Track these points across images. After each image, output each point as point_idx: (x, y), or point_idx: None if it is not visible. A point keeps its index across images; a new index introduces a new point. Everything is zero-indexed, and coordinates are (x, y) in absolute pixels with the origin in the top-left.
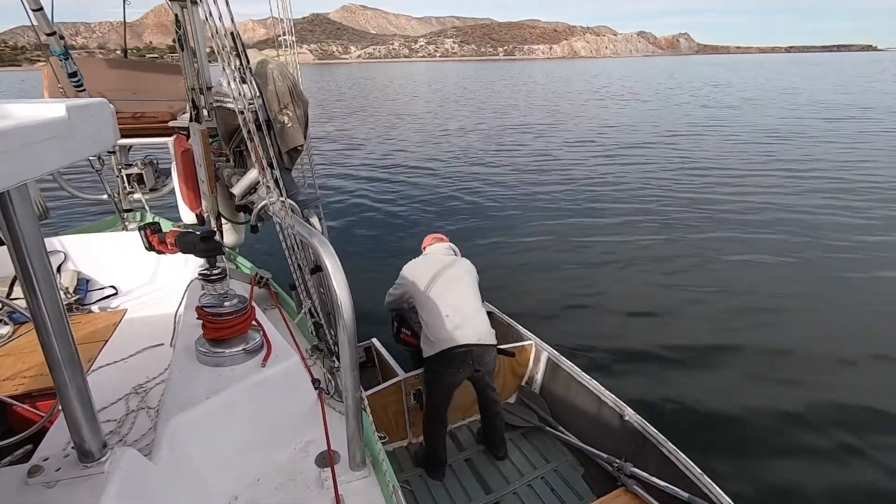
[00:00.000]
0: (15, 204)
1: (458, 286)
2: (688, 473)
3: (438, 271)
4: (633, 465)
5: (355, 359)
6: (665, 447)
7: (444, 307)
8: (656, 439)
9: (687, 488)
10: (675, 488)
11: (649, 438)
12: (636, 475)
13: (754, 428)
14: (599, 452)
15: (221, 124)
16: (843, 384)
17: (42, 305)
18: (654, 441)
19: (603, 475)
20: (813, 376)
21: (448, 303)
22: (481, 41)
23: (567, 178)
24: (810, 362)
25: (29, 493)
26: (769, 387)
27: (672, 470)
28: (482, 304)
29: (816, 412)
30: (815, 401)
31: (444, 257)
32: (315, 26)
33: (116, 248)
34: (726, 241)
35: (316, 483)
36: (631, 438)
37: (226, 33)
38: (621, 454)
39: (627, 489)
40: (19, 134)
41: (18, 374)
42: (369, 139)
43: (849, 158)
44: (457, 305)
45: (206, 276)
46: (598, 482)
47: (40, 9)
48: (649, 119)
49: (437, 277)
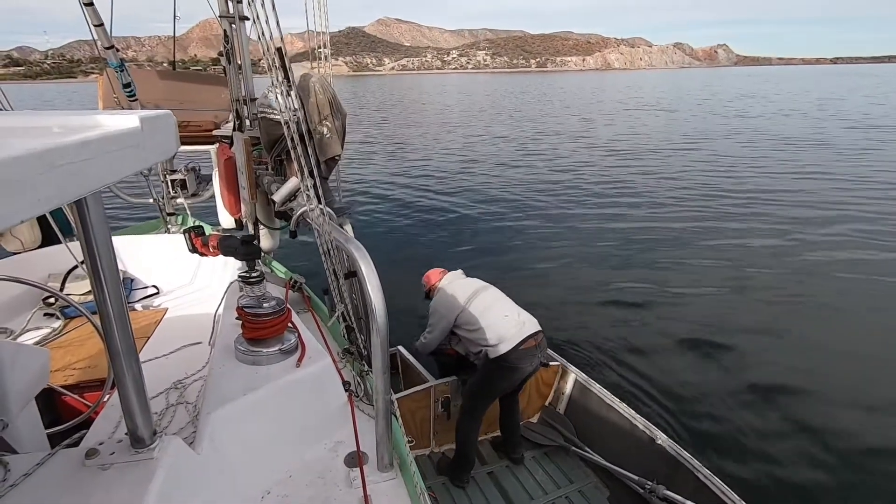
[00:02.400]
0: (90, 206)
1: (495, 294)
2: (725, 499)
3: (471, 291)
4: (666, 489)
5: (387, 362)
6: (701, 472)
7: (497, 312)
8: (691, 464)
9: None
10: None
11: (683, 462)
12: (669, 498)
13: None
14: (629, 474)
15: (264, 134)
16: None
17: (108, 298)
18: (689, 465)
19: (631, 498)
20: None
21: (498, 308)
22: (513, 53)
23: (602, 194)
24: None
25: (85, 474)
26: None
27: (708, 494)
28: None
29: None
30: (848, 430)
31: (467, 280)
32: (351, 39)
33: (159, 249)
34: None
35: (345, 482)
36: (663, 462)
37: (274, 50)
38: (652, 477)
39: None
40: (102, 143)
41: (68, 366)
42: (399, 147)
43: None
44: (506, 307)
45: (246, 279)
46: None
47: (101, 24)
48: (683, 131)
49: (475, 295)
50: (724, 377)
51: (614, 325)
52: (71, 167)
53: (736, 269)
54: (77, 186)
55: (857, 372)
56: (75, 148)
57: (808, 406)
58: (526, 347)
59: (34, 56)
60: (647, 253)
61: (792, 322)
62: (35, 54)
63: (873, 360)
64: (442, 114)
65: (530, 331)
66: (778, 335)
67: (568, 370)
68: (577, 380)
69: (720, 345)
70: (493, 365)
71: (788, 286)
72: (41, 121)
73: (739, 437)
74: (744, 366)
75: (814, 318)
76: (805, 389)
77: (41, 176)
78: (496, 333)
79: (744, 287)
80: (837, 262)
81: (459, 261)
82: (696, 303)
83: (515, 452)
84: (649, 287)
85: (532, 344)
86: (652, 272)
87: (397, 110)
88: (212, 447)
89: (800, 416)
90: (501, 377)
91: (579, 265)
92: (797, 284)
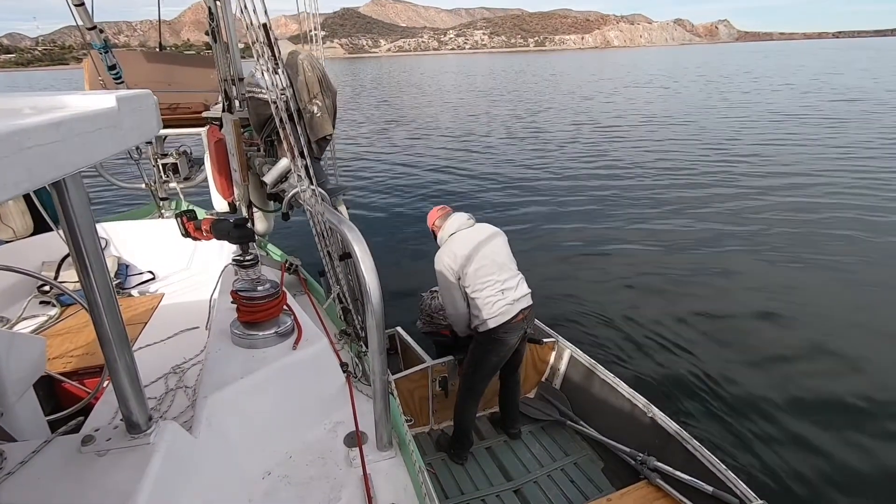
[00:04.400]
0: (70, 191)
1: (496, 258)
2: (713, 469)
3: (472, 251)
4: (657, 460)
5: (383, 342)
6: (690, 444)
7: (493, 284)
8: (681, 436)
9: (711, 483)
10: (700, 482)
11: (674, 435)
12: (659, 469)
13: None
14: (622, 446)
15: (253, 114)
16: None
17: (94, 285)
18: (679, 437)
19: (624, 469)
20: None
21: (496, 278)
22: (511, 32)
23: (604, 176)
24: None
25: (82, 460)
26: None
27: (697, 465)
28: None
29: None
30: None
31: (474, 232)
32: (346, 20)
33: (154, 234)
34: (752, 256)
35: (345, 461)
36: (655, 434)
37: (259, 26)
38: (644, 449)
39: (650, 482)
40: (75, 124)
41: (66, 354)
42: (395, 128)
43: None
44: (504, 278)
45: (240, 262)
46: (618, 476)
47: (81, 4)
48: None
49: (477, 257)
50: (718, 351)
51: (611, 302)
52: (41, 149)
53: (738, 245)
54: (49, 169)
55: (859, 344)
56: (45, 129)
57: (800, 383)
58: (515, 322)
59: (25, 43)
60: (645, 226)
61: (789, 297)
62: (26, 41)
63: (875, 333)
64: (438, 95)
65: (522, 306)
66: (774, 312)
67: (564, 347)
68: (573, 356)
69: (716, 318)
70: (482, 339)
71: (783, 262)
72: (11, 103)
73: (731, 411)
74: (740, 341)
75: (811, 291)
76: (800, 366)
77: (7, 159)
78: (487, 308)
79: (738, 265)
80: (829, 228)
81: None
82: (691, 280)
83: (513, 428)
84: (646, 264)
85: (521, 318)
86: (648, 248)
87: (394, 92)
88: (210, 430)
89: (793, 392)
90: (491, 351)
91: (575, 241)
92: (795, 257)
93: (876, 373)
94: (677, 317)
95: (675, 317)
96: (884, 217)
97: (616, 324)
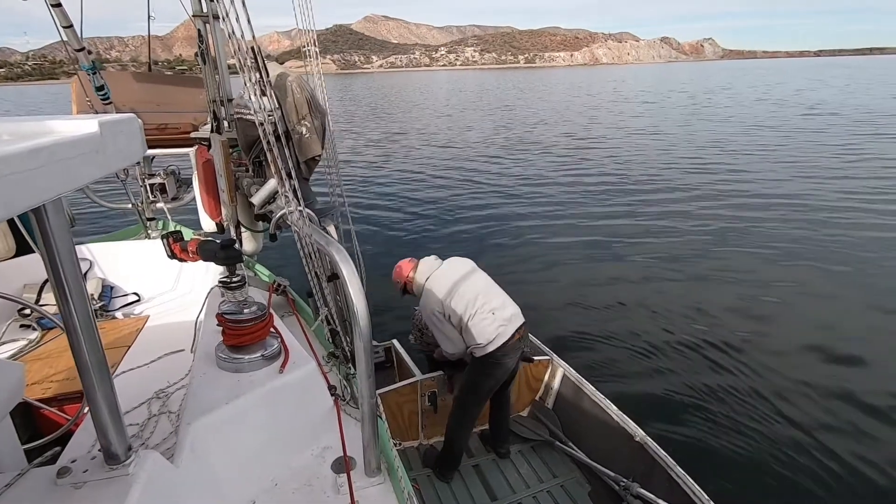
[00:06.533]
0: (50, 216)
1: (480, 284)
2: (695, 499)
3: (452, 287)
4: (641, 486)
5: (371, 366)
6: (674, 471)
7: (485, 309)
8: (665, 462)
9: None
10: None
11: (658, 461)
12: (642, 496)
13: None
14: (607, 471)
15: (241, 135)
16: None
17: (73, 311)
18: (664, 464)
19: (609, 494)
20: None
21: (484, 302)
22: (502, 49)
23: (593, 189)
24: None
25: (58, 493)
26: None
27: (680, 494)
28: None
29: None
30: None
31: (445, 270)
32: (338, 37)
33: (140, 256)
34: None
35: (332, 488)
36: (640, 460)
37: (247, 49)
38: (629, 475)
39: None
40: (56, 150)
41: (46, 379)
42: (388, 144)
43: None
44: (492, 300)
45: (226, 284)
46: (603, 500)
47: (70, 26)
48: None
49: (456, 292)
50: (713, 375)
51: (605, 319)
52: (18, 176)
53: (735, 265)
54: (26, 196)
55: (849, 370)
56: (24, 156)
57: (794, 409)
58: (512, 343)
59: (15, 57)
60: (641, 247)
61: (785, 323)
62: (16, 55)
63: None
64: (430, 110)
65: (515, 325)
66: (768, 335)
67: (557, 365)
68: (566, 375)
69: (712, 344)
70: (479, 363)
71: (777, 282)
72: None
73: (718, 436)
74: (734, 364)
75: (807, 318)
76: (793, 390)
77: None
78: (483, 333)
79: (729, 282)
80: (812, 245)
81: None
82: (686, 298)
83: (502, 447)
84: (641, 283)
85: (517, 338)
86: (643, 268)
87: (386, 108)
88: (192, 459)
89: (787, 418)
90: (488, 375)
91: (571, 258)
92: (785, 278)
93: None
94: (672, 330)
95: (670, 330)
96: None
97: (611, 339)
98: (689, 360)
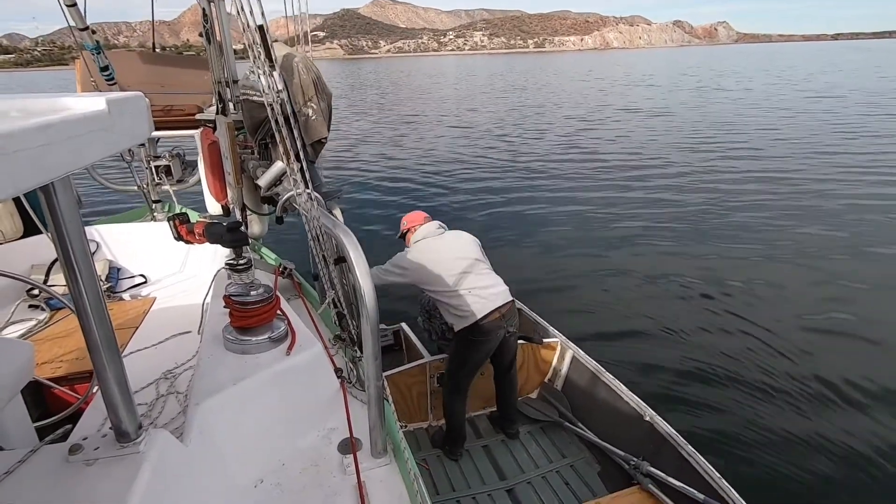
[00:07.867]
0: (58, 194)
1: (468, 263)
2: (705, 476)
3: (444, 256)
4: (651, 465)
5: (378, 348)
6: (684, 449)
7: (465, 286)
8: (675, 440)
9: (703, 490)
10: (691, 489)
11: (668, 439)
12: (652, 474)
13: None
14: (616, 450)
15: (247, 117)
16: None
17: (83, 290)
18: (674, 442)
19: (619, 473)
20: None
21: (468, 282)
22: (511, 33)
23: (598, 173)
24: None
25: (70, 470)
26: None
27: (689, 471)
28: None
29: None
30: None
31: (442, 240)
32: (345, 21)
33: (146, 237)
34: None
35: (339, 469)
36: (650, 439)
37: (255, 28)
38: (639, 454)
39: (642, 487)
40: (64, 127)
41: (56, 358)
42: (393, 130)
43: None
44: (476, 280)
45: (233, 266)
46: (613, 480)
47: (74, 4)
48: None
49: (447, 261)
50: (721, 353)
51: (614, 301)
52: (27, 153)
53: (739, 246)
54: (35, 174)
55: (860, 354)
56: (33, 133)
57: (803, 390)
58: (490, 320)
59: (24, 43)
60: (649, 229)
61: (789, 303)
62: (25, 41)
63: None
64: (437, 96)
65: (495, 304)
66: (777, 314)
67: (566, 347)
68: (575, 357)
69: (726, 317)
70: (460, 338)
71: (783, 265)
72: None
73: (729, 416)
74: (743, 345)
75: (810, 298)
76: (802, 372)
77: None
78: (462, 308)
79: (737, 264)
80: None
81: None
82: (700, 282)
83: (511, 427)
84: (648, 264)
85: (496, 316)
86: (650, 251)
87: (393, 93)
88: (201, 438)
89: (794, 400)
90: (472, 349)
91: (577, 240)
92: (788, 260)
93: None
94: (688, 314)
95: (685, 314)
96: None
97: (619, 323)
98: (700, 340)
